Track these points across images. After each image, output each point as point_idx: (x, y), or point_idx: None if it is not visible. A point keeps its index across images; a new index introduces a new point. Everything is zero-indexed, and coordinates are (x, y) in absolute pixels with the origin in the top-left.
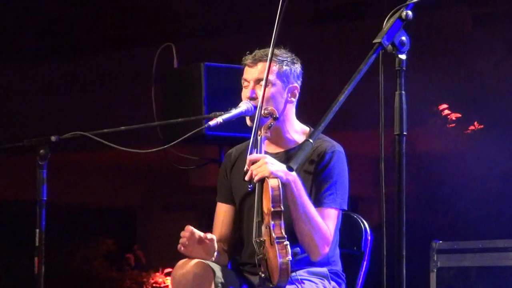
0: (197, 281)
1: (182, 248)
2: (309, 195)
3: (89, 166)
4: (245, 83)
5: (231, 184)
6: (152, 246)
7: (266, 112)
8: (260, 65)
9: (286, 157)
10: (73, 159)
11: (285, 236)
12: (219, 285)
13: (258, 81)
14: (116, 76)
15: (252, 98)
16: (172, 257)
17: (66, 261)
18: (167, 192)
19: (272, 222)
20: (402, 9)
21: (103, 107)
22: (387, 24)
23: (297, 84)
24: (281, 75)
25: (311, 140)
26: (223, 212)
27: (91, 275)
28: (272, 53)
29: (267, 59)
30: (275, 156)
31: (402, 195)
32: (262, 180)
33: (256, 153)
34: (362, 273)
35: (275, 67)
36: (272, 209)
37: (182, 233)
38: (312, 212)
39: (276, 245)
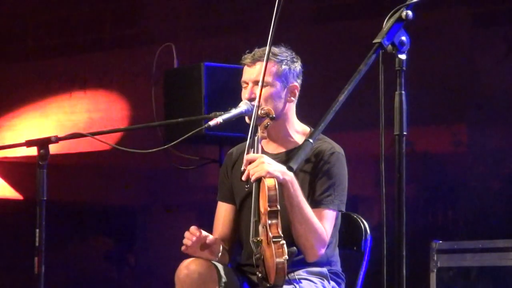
0: (201, 281)
1: (185, 248)
2: (308, 196)
3: (89, 166)
4: (244, 84)
5: (232, 183)
6: (152, 246)
7: (262, 112)
8: (258, 65)
9: (286, 158)
10: (73, 159)
11: (282, 235)
12: (223, 284)
13: (256, 82)
14: (116, 76)
15: (251, 99)
16: (172, 257)
17: (66, 261)
18: (167, 192)
19: (269, 221)
20: (402, 9)
21: (104, 107)
22: (387, 24)
23: (296, 83)
24: (279, 75)
25: (311, 140)
26: (223, 211)
27: (91, 275)
28: (269, 54)
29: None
30: (275, 156)
31: (402, 195)
32: (259, 180)
33: (253, 153)
34: (362, 273)
35: (273, 67)
36: (269, 209)
37: (187, 234)
38: (308, 213)
39: (272, 244)
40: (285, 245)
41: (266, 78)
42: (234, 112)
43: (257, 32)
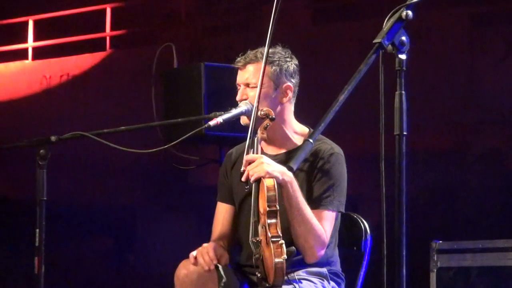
0: (201, 281)
1: (194, 262)
2: (307, 197)
3: (89, 166)
4: (238, 86)
5: (231, 184)
6: (152, 246)
7: (262, 113)
8: (249, 67)
9: (286, 159)
10: (73, 159)
11: (281, 235)
12: (222, 284)
13: (247, 84)
14: (116, 76)
15: (241, 100)
16: (172, 256)
17: (66, 261)
18: (167, 192)
19: (268, 221)
20: (402, 9)
21: (103, 107)
22: (387, 24)
23: (290, 83)
24: (269, 76)
25: (311, 140)
26: (223, 212)
27: (91, 275)
28: (267, 57)
29: (256, 61)
30: (275, 158)
31: (402, 195)
32: (258, 180)
33: (253, 153)
34: (362, 273)
35: (263, 68)
36: (268, 209)
37: (203, 254)
38: (307, 213)
39: (271, 244)
40: (284, 245)
41: (256, 79)
42: (234, 112)
43: (257, 32)
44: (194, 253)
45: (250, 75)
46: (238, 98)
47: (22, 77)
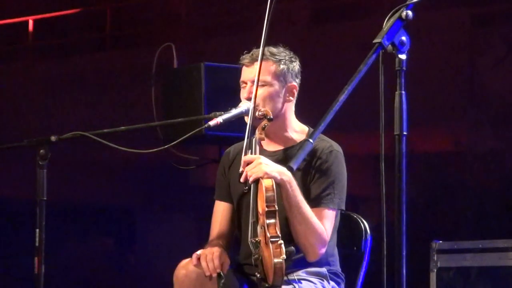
0: (200, 281)
1: (196, 263)
2: (306, 195)
3: (88, 166)
4: (243, 84)
5: (229, 182)
6: (151, 246)
7: (260, 113)
8: (257, 64)
9: (284, 156)
10: (72, 159)
11: (280, 235)
12: (222, 284)
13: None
14: (116, 76)
15: (249, 98)
16: (171, 256)
17: (66, 261)
18: (167, 192)
19: (267, 221)
20: (402, 9)
21: (103, 107)
22: (387, 24)
23: (295, 83)
24: (277, 75)
25: (311, 140)
26: (221, 210)
27: (91, 275)
28: (263, 53)
29: (263, 59)
30: (273, 154)
31: (402, 195)
32: (257, 181)
33: (251, 154)
34: (362, 273)
35: (272, 67)
36: (267, 209)
37: (207, 260)
38: (307, 212)
39: (270, 244)
40: (283, 245)
41: (265, 78)
42: (234, 112)
43: (257, 32)
44: (198, 252)
45: (259, 74)
46: (245, 95)
47: (22, 77)
